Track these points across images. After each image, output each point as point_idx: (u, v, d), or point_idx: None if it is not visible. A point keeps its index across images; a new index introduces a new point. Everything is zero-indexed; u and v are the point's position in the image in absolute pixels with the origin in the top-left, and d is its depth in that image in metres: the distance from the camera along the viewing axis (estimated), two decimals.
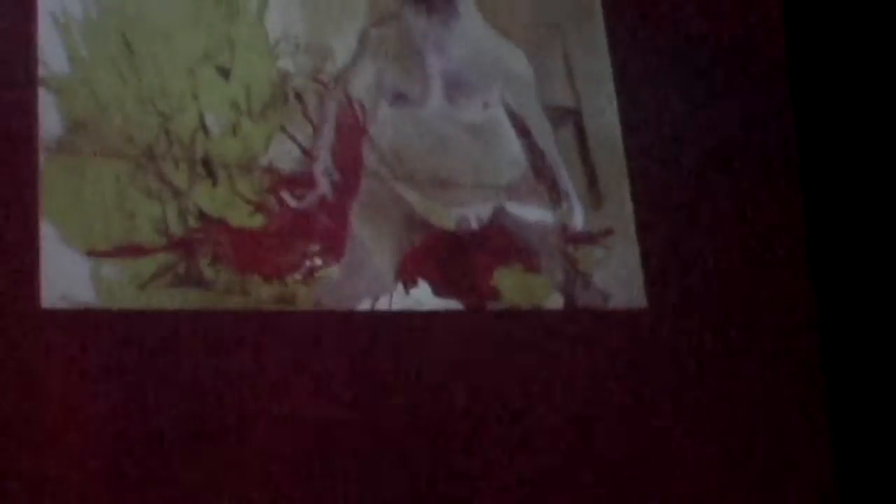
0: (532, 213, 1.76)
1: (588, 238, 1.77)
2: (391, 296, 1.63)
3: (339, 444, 1.55)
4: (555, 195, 1.78)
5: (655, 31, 1.90)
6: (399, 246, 1.68)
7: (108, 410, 1.23)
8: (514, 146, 1.79)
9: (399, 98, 1.71)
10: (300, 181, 1.61)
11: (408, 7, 1.76)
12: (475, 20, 1.80)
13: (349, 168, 1.65)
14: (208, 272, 1.54)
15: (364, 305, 1.60)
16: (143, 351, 1.48)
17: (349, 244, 1.64)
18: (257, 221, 1.58)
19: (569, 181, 1.79)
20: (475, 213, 1.70)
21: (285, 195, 1.60)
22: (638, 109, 1.85)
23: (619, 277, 1.78)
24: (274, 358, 1.53)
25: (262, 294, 1.56)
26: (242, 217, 1.58)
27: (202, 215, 1.55)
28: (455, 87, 1.72)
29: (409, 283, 1.65)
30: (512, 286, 1.71)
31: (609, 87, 1.85)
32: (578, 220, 1.76)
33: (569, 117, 1.83)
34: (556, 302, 1.73)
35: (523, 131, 1.76)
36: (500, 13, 1.83)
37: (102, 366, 1.43)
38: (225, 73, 1.60)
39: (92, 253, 1.48)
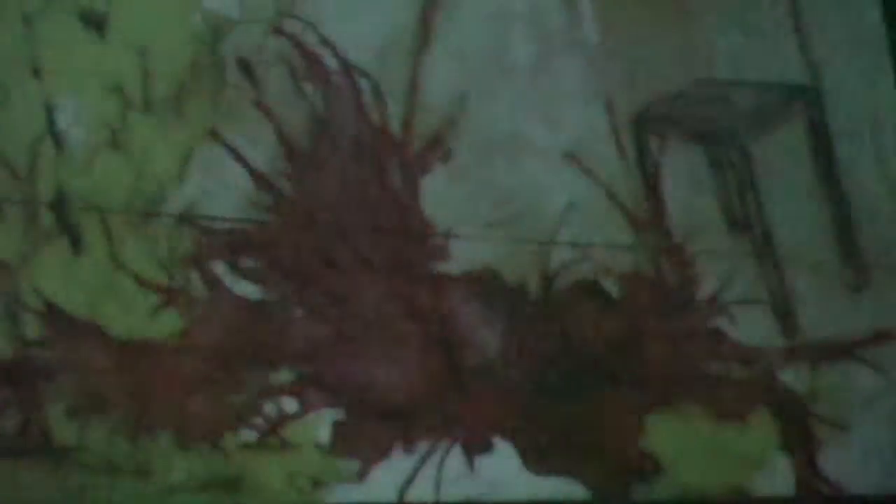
0: None
1: (839, 349, 0.98)
2: (438, 469, 0.96)
3: None
4: None
5: None
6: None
7: None
8: None
9: None
10: (250, 239, 1.01)
11: None
12: None
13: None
14: (64, 432, 1.01)
15: (385, 493, 0.98)
16: None
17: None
18: (166, 325, 1.00)
19: None
20: None
21: (221, 270, 1.00)
22: None
23: None
24: None
25: (177, 474, 1.00)
26: (136, 317, 1.01)
27: (53, 314, 1.00)
28: None
29: (473, 446, 0.98)
30: (680, 448, 0.98)
31: (876, 54, 1.12)
32: None
33: (798, 103, 1.03)
34: (778, 480, 0.99)
35: None
36: None
37: None
38: (97, 23, 1.04)
39: None
